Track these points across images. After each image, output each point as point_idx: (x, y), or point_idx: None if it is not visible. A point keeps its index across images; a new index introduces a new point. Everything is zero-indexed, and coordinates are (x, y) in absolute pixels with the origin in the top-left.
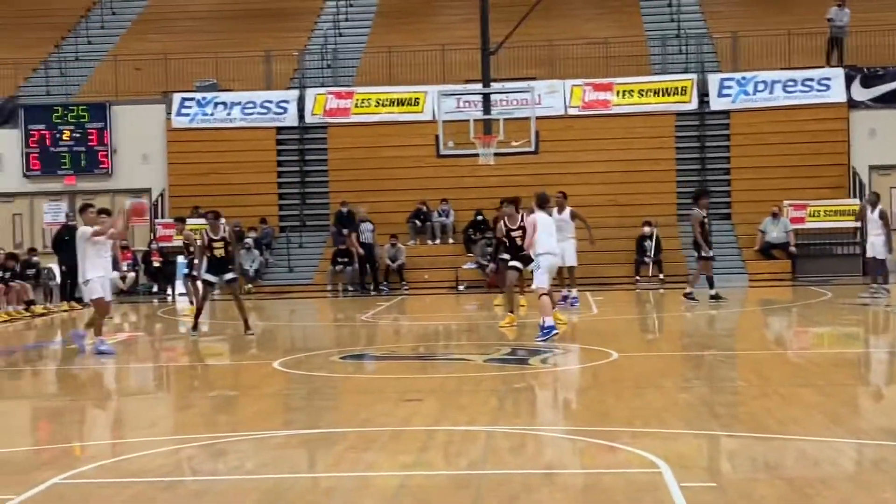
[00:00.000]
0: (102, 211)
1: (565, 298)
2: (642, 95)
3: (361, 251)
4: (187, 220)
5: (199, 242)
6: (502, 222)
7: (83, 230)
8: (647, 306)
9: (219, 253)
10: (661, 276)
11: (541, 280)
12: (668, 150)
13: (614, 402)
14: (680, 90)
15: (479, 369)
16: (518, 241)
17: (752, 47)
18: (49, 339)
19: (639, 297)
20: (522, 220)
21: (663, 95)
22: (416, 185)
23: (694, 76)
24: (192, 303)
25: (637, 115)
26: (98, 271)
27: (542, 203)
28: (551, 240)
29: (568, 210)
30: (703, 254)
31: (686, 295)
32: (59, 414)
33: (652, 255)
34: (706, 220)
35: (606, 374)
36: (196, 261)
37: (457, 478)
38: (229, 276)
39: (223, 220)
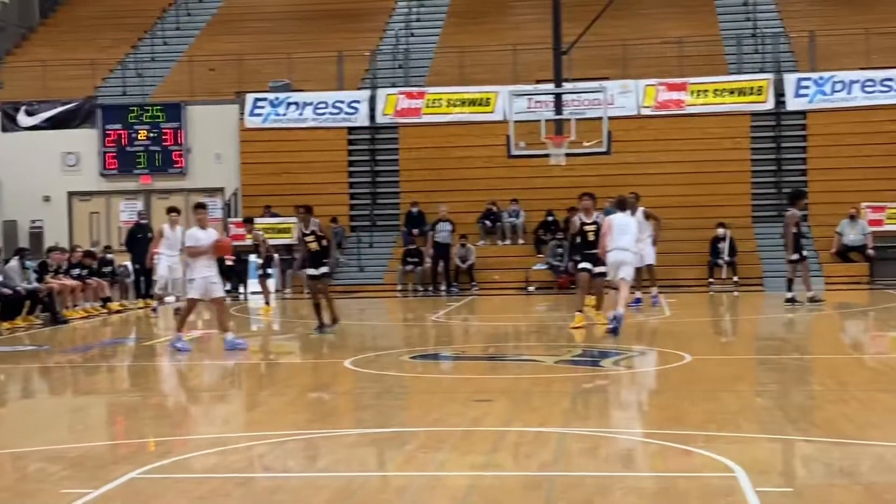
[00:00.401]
0: (172, 209)
1: (638, 301)
2: (717, 95)
3: (431, 251)
4: (257, 219)
5: (299, 238)
6: (577, 217)
7: (192, 233)
8: (721, 309)
9: (312, 247)
10: (736, 278)
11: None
12: (744, 150)
13: (688, 405)
14: (755, 90)
15: (549, 370)
16: (590, 235)
17: (829, 46)
18: (124, 336)
19: (712, 300)
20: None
21: (738, 95)
22: (486, 185)
23: (770, 76)
24: (266, 302)
25: (711, 116)
26: (203, 272)
27: (622, 206)
28: (623, 238)
29: (641, 210)
30: (798, 256)
31: (810, 299)
32: (134, 410)
33: (725, 258)
34: (799, 222)
35: (679, 376)
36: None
37: (528, 479)
38: (322, 269)
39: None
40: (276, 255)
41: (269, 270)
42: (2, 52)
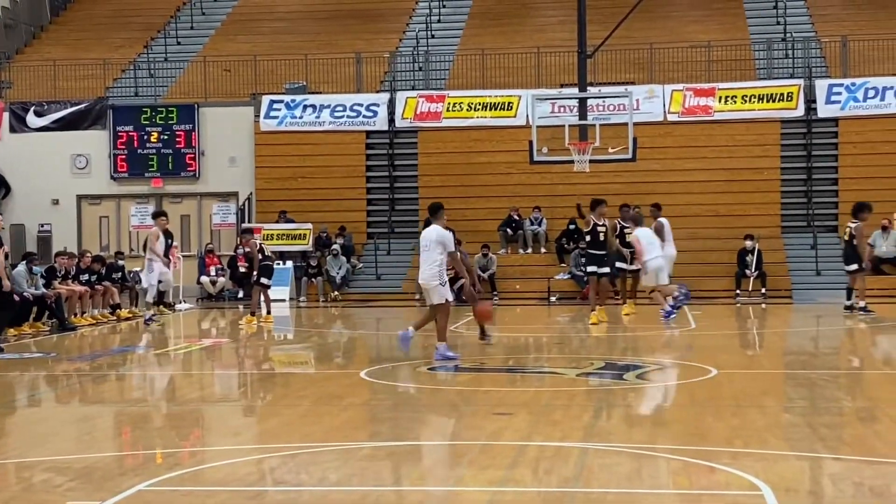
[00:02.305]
0: (160, 214)
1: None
2: (746, 101)
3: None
4: (270, 225)
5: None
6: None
7: (449, 236)
8: (749, 321)
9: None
10: (764, 290)
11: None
12: (773, 158)
13: (713, 420)
14: (786, 96)
15: (571, 384)
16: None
17: (862, 52)
18: (133, 344)
19: (739, 312)
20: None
21: (768, 101)
22: (507, 191)
23: (800, 81)
24: (252, 314)
25: (740, 122)
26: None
27: (637, 223)
28: (653, 249)
29: (660, 220)
30: (861, 266)
31: (861, 309)
32: (143, 420)
33: (753, 269)
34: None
35: (705, 391)
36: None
37: (548, 495)
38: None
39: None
40: (287, 263)
41: (265, 280)
42: (11, 52)
